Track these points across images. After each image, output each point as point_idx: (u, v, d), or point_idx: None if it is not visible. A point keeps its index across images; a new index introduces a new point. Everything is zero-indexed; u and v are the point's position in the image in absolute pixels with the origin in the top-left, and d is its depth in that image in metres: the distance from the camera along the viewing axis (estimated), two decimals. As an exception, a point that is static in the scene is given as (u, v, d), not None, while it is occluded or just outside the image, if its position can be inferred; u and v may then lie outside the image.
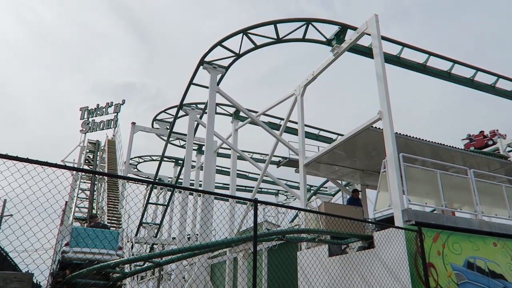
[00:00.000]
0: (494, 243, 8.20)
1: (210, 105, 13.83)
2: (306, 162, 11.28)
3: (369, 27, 9.92)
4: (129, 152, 23.97)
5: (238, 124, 18.68)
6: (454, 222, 8.02)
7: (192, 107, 17.68)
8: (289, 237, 8.00)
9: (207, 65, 13.80)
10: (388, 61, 11.82)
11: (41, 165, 3.73)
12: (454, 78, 13.88)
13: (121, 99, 37.59)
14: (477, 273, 7.57)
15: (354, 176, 13.23)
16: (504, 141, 18.57)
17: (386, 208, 8.06)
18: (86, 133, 29.06)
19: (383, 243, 7.49)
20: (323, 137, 21.27)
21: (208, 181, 13.35)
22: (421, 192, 8.57)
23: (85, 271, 6.70)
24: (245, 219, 16.75)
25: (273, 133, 14.35)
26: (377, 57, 9.34)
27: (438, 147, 10.43)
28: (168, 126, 21.94)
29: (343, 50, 11.08)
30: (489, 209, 9.29)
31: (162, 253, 7.48)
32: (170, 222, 25.74)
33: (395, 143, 8.27)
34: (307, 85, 12.29)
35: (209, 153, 13.72)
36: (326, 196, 27.68)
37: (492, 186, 9.55)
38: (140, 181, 7.66)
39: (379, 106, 8.83)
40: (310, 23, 12.09)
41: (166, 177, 28.63)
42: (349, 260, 8.15)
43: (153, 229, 24.90)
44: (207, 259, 13.54)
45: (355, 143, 10.28)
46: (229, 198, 18.61)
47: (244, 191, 30.57)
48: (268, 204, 6.06)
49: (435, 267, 7.14)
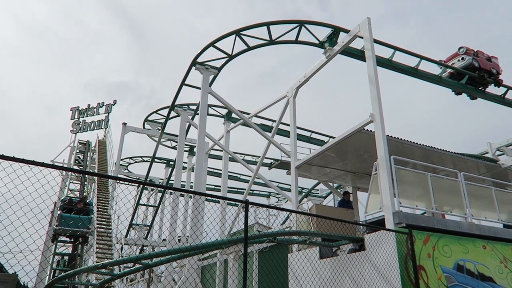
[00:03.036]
0: (484, 245, 8.26)
1: (202, 106, 13.77)
2: (298, 164, 11.27)
3: (361, 30, 9.95)
4: (119, 153, 23.77)
5: (230, 125, 18.63)
6: (444, 225, 8.06)
7: (184, 108, 17.60)
8: (280, 239, 7.96)
9: (199, 65, 13.75)
10: (380, 64, 11.87)
11: (28, 164, 3.64)
12: (445, 81, 14.02)
13: (113, 99, 37.21)
14: (466, 275, 7.61)
15: (345, 179, 13.27)
16: (494, 144, 18.76)
17: (377, 211, 8.07)
18: (77, 134, 28.73)
19: (374, 246, 7.50)
20: (315, 140, 21.33)
21: (199, 183, 13.27)
22: (412, 194, 8.61)
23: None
24: (236, 220, 16.70)
25: (265, 135, 14.34)
26: (369, 60, 9.37)
27: (429, 150, 10.50)
28: (159, 127, 21.81)
29: (336, 52, 11.11)
30: (479, 212, 9.37)
31: (151, 254, 7.39)
32: (161, 224, 25.58)
33: (387, 145, 8.30)
34: (299, 87, 12.29)
35: (200, 155, 13.64)
36: (317, 198, 27.71)
37: (481, 189, 9.63)
38: (130, 182, 7.58)
39: (371, 109, 8.86)
40: (303, 25, 12.11)
41: (157, 178, 28.43)
42: (340, 263, 8.14)
43: (143, 231, 24.69)
44: (197, 260, 13.46)
45: (346, 145, 10.30)
46: (220, 199, 18.60)
47: (235, 193, 30.48)
48: (259, 206, 6.04)
49: (425, 270, 7.16)
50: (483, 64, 14.55)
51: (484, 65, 14.53)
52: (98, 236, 16.19)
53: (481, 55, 14.93)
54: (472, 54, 14.65)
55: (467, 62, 14.29)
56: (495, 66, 14.94)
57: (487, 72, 14.46)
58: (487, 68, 14.53)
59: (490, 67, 14.65)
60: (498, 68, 14.99)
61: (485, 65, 14.57)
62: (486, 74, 14.41)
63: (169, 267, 14.86)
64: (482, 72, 14.29)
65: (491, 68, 14.65)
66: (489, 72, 14.54)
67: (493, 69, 14.72)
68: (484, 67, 14.45)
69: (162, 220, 25.39)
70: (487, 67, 14.55)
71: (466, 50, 14.67)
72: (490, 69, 14.61)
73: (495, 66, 14.94)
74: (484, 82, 14.47)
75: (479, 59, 14.63)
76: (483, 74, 14.29)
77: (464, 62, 14.33)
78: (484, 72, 14.35)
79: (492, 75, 14.64)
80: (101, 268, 6.61)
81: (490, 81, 14.56)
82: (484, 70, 14.39)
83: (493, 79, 14.63)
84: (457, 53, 14.82)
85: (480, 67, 14.36)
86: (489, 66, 14.65)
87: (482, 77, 14.25)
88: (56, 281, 7.23)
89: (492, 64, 14.89)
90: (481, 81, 14.36)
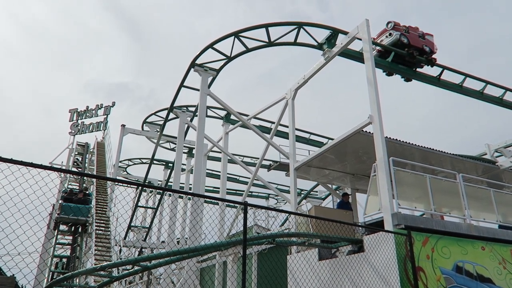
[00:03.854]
0: (482, 247, 8.26)
1: (201, 108, 13.77)
2: (297, 165, 11.27)
3: (360, 31, 9.97)
4: (118, 155, 23.75)
5: (229, 127, 18.63)
6: (443, 226, 8.07)
7: (183, 110, 17.59)
8: (279, 240, 7.96)
9: (198, 67, 13.75)
10: (378, 66, 11.89)
11: (26, 166, 3.63)
12: (444, 84, 14.02)
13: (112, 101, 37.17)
14: (465, 277, 7.61)
15: (344, 180, 13.27)
16: (492, 146, 18.81)
17: (376, 212, 8.08)
18: (75, 135, 28.69)
19: (373, 247, 7.50)
20: (314, 141, 21.34)
21: (198, 184, 13.27)
22: (411, 196, 8.61)
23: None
24: (235, 222, 16.69)
25: (264, 136, 14.34)
26: (368, 62, 9.39)
27: (427, 152, 10.52)
28: (158, 129, 21.79)
29: (334, 54, 11.12)
30: (477, 214, 9.37)
31: (150, 256, 7.38)
32: (159, 226, 25.54)
33: (385, 147, 8.31)
34: (298, 88, 12.30)
35: (199, 156, 13.63)
36: (316, 200, 27.69)
37: (480, 190, 9.64)
38: (129, 184, 7.57)
39: (370, 110, 8.87)
40: (302, 27, 12.13)
41: (156, 180, 28.39)
42: (339, 264, 8.13)
43: (142, 233, 24.64)
44: (196, 262, 13.43)
45: (345, 147, 10.31)
46: (219, 201, 18.59)
47: (234, 195, 30.45)
48: (258, 208, 6.04)
49: (424, 271, 7.16)
50: (414, 40, 13.07)
51: (414, 41, 13.06)
52: (96, 238, 16.13)
53: (413, 31, 13.39)
54: (402, 30, 13.17)
55: (394, 38, 12.86)
56: (428, 43, 13.35)
57: (417, 50, 12.96)
58: (418, 45, 13.06)
59: (422, 44, 13.14)
60: (432, 46, 13.38)
61: (416, 42, 13.10)
62: (416, 52, 12.90)
63: (168, 269, 14.81)
64: (411, 49, 12.81)
65: (423, 46, 13.16)
66: (421, 50, 13.07)
67: (426, 46, 13.20)
68: (414, 44, 12.97)
69: (161, 222, 25.34)
70: (418, 44, 13.07)
71: (394, 25, 13.19)
72: (422, 47, 13.13)
73: (429, 44, 13.34)
74: (414, 61, 13.00)
75: (409, 35, 13.12)
76: (413, 51, 12.80)
77: (392, 38, 12.91)
78: (414, 49, 12.87)
79: (425, 53, 13.12)
80: (99, 270, 6.61)
81: (421, 60, 13.11)
82: (414, 47, 12.91)
83: (425, 57, 13.14)
84: (385, 29, 13.36)
85: (410, 43, 12.89)
86: (421, 43, 13.15)
87: (411, 54, 12.78)
88: (54, 283, 7.20)
89: (425, 42, 13.35)
90: (411, 59, 12.90)
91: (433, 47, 13.46)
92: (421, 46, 13.13)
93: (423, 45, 13.20)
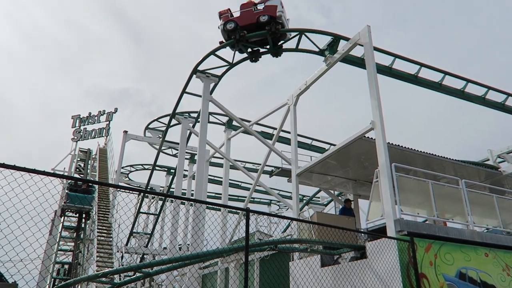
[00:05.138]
0: (486, 253, 8.22)
1: (203, 114, 13.80)
2: (299, 171, 11.26)
3: (361, 37, 10.01)
4: (120, 161, 23.77)
5: (231, 133, 18.65)
6: (446, 233, 8.03)
7: (185, 116, 17.63)
8: (281, 247, 7.93)
9: (200, 74, 13.80)
10: (380, 71, 11.90)
11: (29, 173, 3.64)
12: (445, 89, 14.02)
13: (114, 107, 37.36)
14: (469, 283, 7.56)
15: (346, 186, 13.24)
16: (494, 151, 18.74)
17: (379, 218, 8.05)
18: (78, 142, 28.78)
19: (375, 254, 7.46)
20: (315, 147, 21.31)
21: (200, 191, 13.25)
22: (413, 202, 8.59)
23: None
24: (237, 228, 16.64)
25: (266, 142, 14.34)
26: (370, 68, 9.42)
27: (429, 157, 10.50)
28: (160, 135, 21.82)
29: (336, 60, 11.15)
30: (480, 220, 9.33)
31: (152, 263, 7.37)
32: (161, 232, 25.49)
33: (388, 153, 8.30)
34: (300, 94, 12.33)
35: (201, 162, 13.64)
36: (318, 206, 27.60)
37: (482, 196, 9.60)
38: (131, 190, 7.56)
39: (372, 116, 8.88)
40: (304, 33, 12.17)
41: (158, 186, 28.37)
42: (341, 271, 8.09)
43: (143, 239, 24.58)
44: (198, 269, 13.38)
45: (347, 153, 10.31)
46: (221, 207, 18.54)
47: (236, 201, 30.39)
48: (260, 214, 6.03)
49: (427, 278, 7.12)
50: (243, 19, 12.46)
51: (244, 20, 12.44)
52: (98, 245, 16.15)
53: (245, 8, 12.69)
54: (226, 15, 12.68)
55: (221, 29, 12.64)
56: (267, 11, 12.33)
57: (252, 26, 12.36)
58: (251, 21, 12.36)
59: (256, 17, 12.32)
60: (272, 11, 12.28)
61: (247, 19, 12.41)
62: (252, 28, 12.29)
63: (170, 276, 14.77)
64: (242, 31, 12.29)
65: (258, 18, 12.29)
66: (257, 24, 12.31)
67: (262, 17, 12.26)
68: (244, 23, 12.38)
69: (162, 229, 25.29)
70: (251, 20, 12.37)
71: (220, 15, 12.84)
72: (257, 20, 12.28)
73: (268, 11, 12.31)
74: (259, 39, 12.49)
75: (238, 17, 12.63)
76: (244, 32, 12.29)
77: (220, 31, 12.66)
78: (244, 29, 12.35)
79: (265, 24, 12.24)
80: (101, 277, 6.60)
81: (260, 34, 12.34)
82: (245, 27, 12.36)
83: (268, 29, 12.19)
84: None
85: (238, 26, 12.37)
86: (255, 17, 12.36)
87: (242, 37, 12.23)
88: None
89: (262, 11, 12.40)
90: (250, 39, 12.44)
91: (274, 12, 12.19)
92: (256, 20, 12.26)
93: (258, 17, 12.25)
